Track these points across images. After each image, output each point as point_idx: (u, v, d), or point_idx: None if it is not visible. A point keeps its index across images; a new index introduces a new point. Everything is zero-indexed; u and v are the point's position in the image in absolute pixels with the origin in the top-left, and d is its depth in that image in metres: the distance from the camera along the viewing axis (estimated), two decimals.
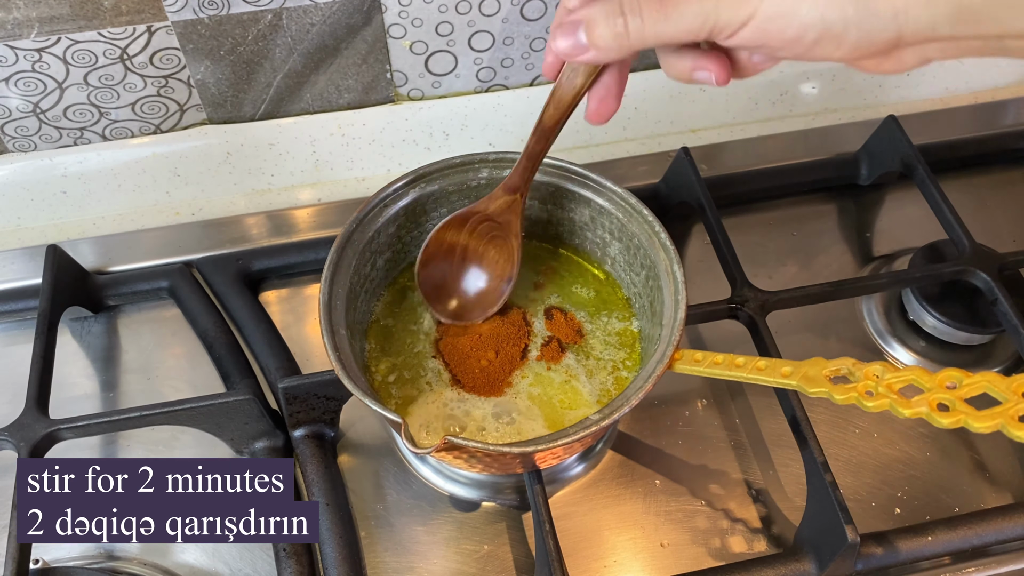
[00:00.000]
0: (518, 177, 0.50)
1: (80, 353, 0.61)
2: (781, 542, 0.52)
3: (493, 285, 0.53)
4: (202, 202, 0.70)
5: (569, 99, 0.42)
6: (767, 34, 0.33)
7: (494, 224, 0.51)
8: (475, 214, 0.51)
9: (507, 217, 0.51)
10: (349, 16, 0.60)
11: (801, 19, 0.32)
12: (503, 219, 0.51)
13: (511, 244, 0.52)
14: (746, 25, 0.33)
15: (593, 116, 0.42)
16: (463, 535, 0.52)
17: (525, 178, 0.50)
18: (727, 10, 0.33)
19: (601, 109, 0.42)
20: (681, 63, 0.37)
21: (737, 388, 0.58)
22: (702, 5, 0.33)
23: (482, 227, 0.52)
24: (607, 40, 0.36)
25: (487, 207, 0.51)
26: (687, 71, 0.37)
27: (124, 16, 0.57)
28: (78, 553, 0.52)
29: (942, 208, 0.61)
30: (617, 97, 0.41)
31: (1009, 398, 0.35)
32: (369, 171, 0.71)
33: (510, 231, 0.51)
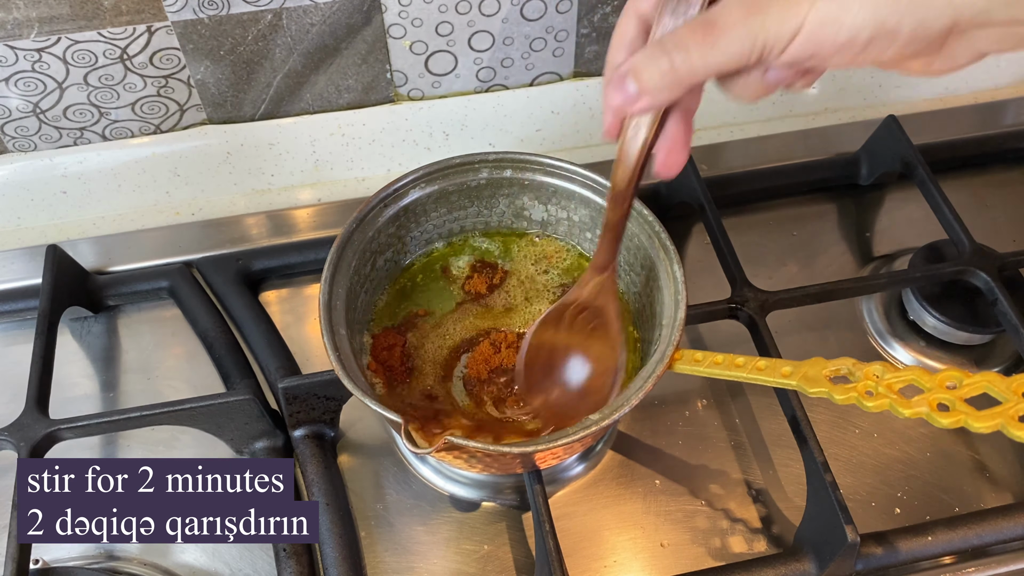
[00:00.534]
0: (603, 254, 0.46)
1: (80, 353, 0.61)
2: (781, 542, 0.52)
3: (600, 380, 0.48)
4: (202, 202, 0.70)
5: (636, 156, 0.39)
6: (819, 42, 0.32)
7: (591, 312, 0.48)
8: (569, 306, 0.48)
9: (602, 301, 0.47)
10: (349, 16, 0.60)
11: (852, 19, 0.31)
12: (599, 303, 0.47)
13: (613, 329, 0.47)
14: (796, 37, 0.32)
15: (663, 169, 0.39)
16: (463, 535, 0.52)
17: (611, 253, 0.46)
18: (775, 24, 0.32)
19: (670, 161, 0.39)
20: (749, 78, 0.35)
21: (737, 388, 0.58)
22: (748, 25, 0.32)
23: (580, 319, 0.48)
24: (656, 81, 0.34)
25: (579, 295, 0.48)
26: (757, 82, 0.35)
27: (124, 16, 0.57)
28: (78, 553, 0.52)
29: (942, 208, 0.61)
30: (684, 146, 0.39)
31: (1009, 398, 0.35)
32: (369, 171, 0.71)
33: (608, 315, 0.47)
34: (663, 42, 0.34)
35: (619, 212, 0.44)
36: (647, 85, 0.35)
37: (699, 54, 0.33)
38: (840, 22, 0.31)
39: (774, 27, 0.32)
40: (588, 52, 0.67)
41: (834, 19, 0.31)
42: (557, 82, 0.69)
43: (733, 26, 0.32)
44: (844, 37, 0.31)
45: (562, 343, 0.49)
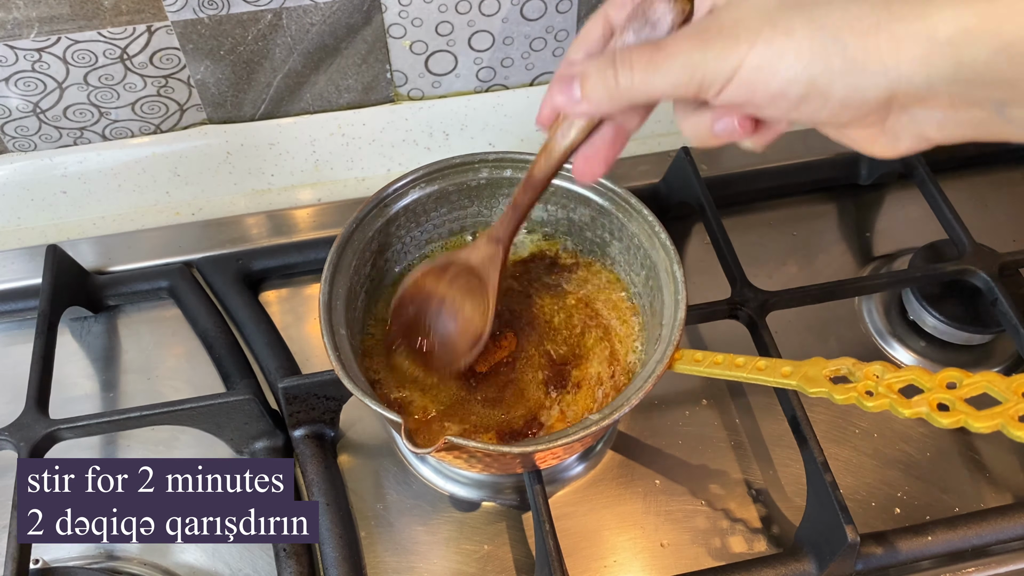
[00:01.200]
0: (502, 228, 0.47)
1: (80, 353, 0.61)
2: (781, 542, 0.52)
3: (462, 343, 0.49)
4: (202, 202, 0.70)
5: (560, 153, 0.41)
6: (753, 87, 0.32)
7: (473, 276, 0.49)
8: (455, 263, 0.49)
9: (487, 270, 0.48)
10: (349, 16, 0.60)
11: (785, 71, 0.31)
12: (483, 272, 0.48)
13: (487, 299, 0.48)
14: (732, 79, 0.32)
15: (578, 173, 0.41)
16: (463, 535, 0.52)
17: (510, 230, 0.47)
18: (714, 61, 0.32)
19: (586, 168, 0.40)
20: (699, 119, 0.36)
21: (737, 388, 0.58)
22: (690, 56, 0.32)
23: (461, 278, 0.49)
24: (598, 93, 0.35)
25: (468, 256, 0.49)
26: (707, 127, 0.36)
27: (124, 16, 0.57)
28: (78, 553, 0.52)
29: (942, 208, 0.61)
30: (606, 160, 0.40)
31: (1009, 398, 0.35)
32: (369, 171, 0.71)
33: (487, 285, 0.48)
34: (613, 56, 0.34)
35: (530, 196, 0.45)
36: (589, 94, 0.36)
37: (641, 76, 0.34)
38: (774, 70, 0.31)
39: (713, 63, 0.32)
40: None
41: (768, 66, 0.31)
42: None
43: (677, 55, 0.33)
44: (776, 87, 0.31)
45: (439, 293, 0.49)
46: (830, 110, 0.32)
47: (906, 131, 0.32)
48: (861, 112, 0.32)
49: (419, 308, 0.50)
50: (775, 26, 0.31)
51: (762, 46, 0.31)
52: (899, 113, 0.32)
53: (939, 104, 0.30)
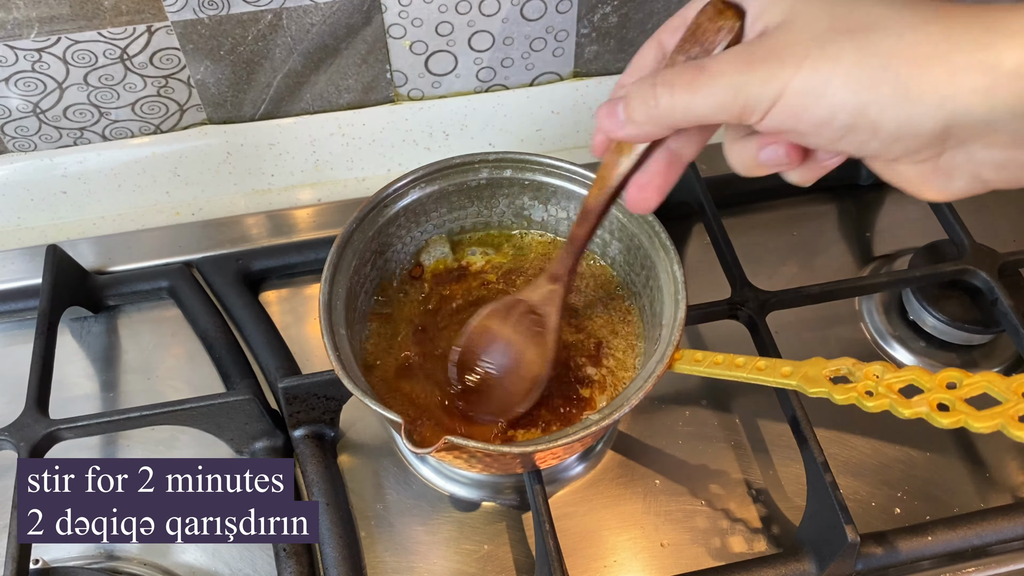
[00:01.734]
0: (559, 265, 0.47)
1: (80, 353, 0.61)
2: (781, 542, 0.52)
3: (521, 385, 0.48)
4: (202, 202, 0.70)
5: (613, 182, 0.40)
6: (797, 114, 0.30)
7: (535, 317, 0.48)
8: (519, 302, 0.48)
9: (547, 309, 0.48)
10: (349, 16, 0.60)
11: (831, 97, 0.29)
12: (543, 310, 0.48)
13: (547, 340, 0.48)
14: (776, 103, 0.30)
15: (631, 204, 0.39)
16: (463, 535, 0.52)
17: (568, 265, 0.46)
18: (758, 84, 0.31)
19: (640, 197, 0.39)
20: (746, 147, 0.35)
21: (737, 388, 0.58)
22: (732, 79, 0.31)
23: (524, 319, 0.48)
24: (640, 114, 0.34)
25: (529, 296, 0.48)
26: (753, 155, 0.35)
27: (124, 16, 0.57)
28: (78, 553, 0.52)
29: (942, 208, 0.61)
30: (660, 189, 0.39)
31: (1009, 398, 0.35)
32: (369, 171, 0.71)
33: (548, 325, 0.48)
34: (655, 77, 0.34)
35: (585, 228, 0.44)
36: (632, 115, 0.35)
37: (682, 98, 0.33)
38: (819, 95, 0.30)
39: (757, 87, 0.31)
40: (588, 52, 0.67)
41: (813, 90, 0.30)
42: (557, 82, 0.69)
43: (720, 76, 0.32)
44: (821, 114, 0.30)
45: (502, 334, 0.49)
46: (880, 142, 0.30)
47: (961, 171, 0.31)
48: (914, 146, 0.30)
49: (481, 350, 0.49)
50: (823, 50, 0.29)
51: (808, 70, 0.30)
52: (955, 150, 0.30)
53: (999, 142, 0.29)
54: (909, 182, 0.32)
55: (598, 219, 0.43)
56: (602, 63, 0.69)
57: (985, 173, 0.30)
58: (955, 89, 0.28)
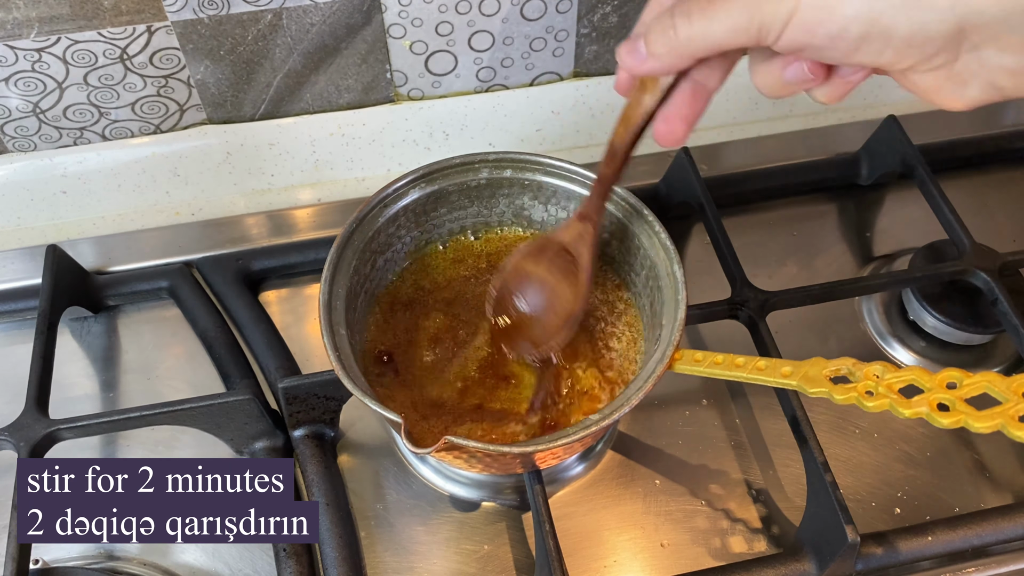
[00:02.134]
0: (588, 204, 0.47)
1: (80, 353, 0.61)
2: (781, 542, 0.52)
3: (554, 322, 0.49)
4: (202, 202, 0.70)
5: (638, 119, 0.40)
6: (811, 29, 0.31)
7: (567, 255, 0.49)
8: (551, 242, 0.49)
9: (578, 248, 0.48)
10: (349, 16, 0.60)
11: (843, 8, 0.30)
12: (575, 249, 0.48)
13: (580, 278, 0.48)
14: (791, 20, 0.31)
15: (659, 137, 0.40)
16: (463, 535, 0.52)
17: (596, 205, 0.47)
18: (771, 4, 0.31)
19: (667, 130, 0.39)
20: (770, 69, 0.35)
21: (737, 388, 0.58)
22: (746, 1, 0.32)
23: (557, 258, 0.49)
24: (660, 47, 0.35)
25: (561, 236, 0.49)
26: (779, 75, 0.35)
27: (124, 16, 0.57)
28: (78, 553, 0.52)
29: (942, 208, 0.61)
30: (687, 120, 0.39)
31: (1009, 398, 0.35)
32: (369, 171, 0.71)
33: (580, 263, 0.48)
34: (673, 9, 0.34)
35: (612, 167, 0.45)
36: (653, 49, 0.35)
37: (700, 25, 0.33)
38: (831, 8, 0.30)
39: (770, 5, 0.31)
40: (588, 52, 0.67)
41: (826, 4, 0.30)
42: (557, 82, 0.69)
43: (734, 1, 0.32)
44: (835, 27, 0.30)
45: (537, 273, 0.50)
46: (894, 49, 0.30)
47: (975, 77, 0.31)
48: (927, 52, 0.30)
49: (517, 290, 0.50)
50: None
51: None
52: (968, 54, 0.30)
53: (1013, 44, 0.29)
54: (925, 91, 0.33)
55: (625, 158, 0.44)
56: (602, 63, 0.69)
57: (999, 79, 0.31)
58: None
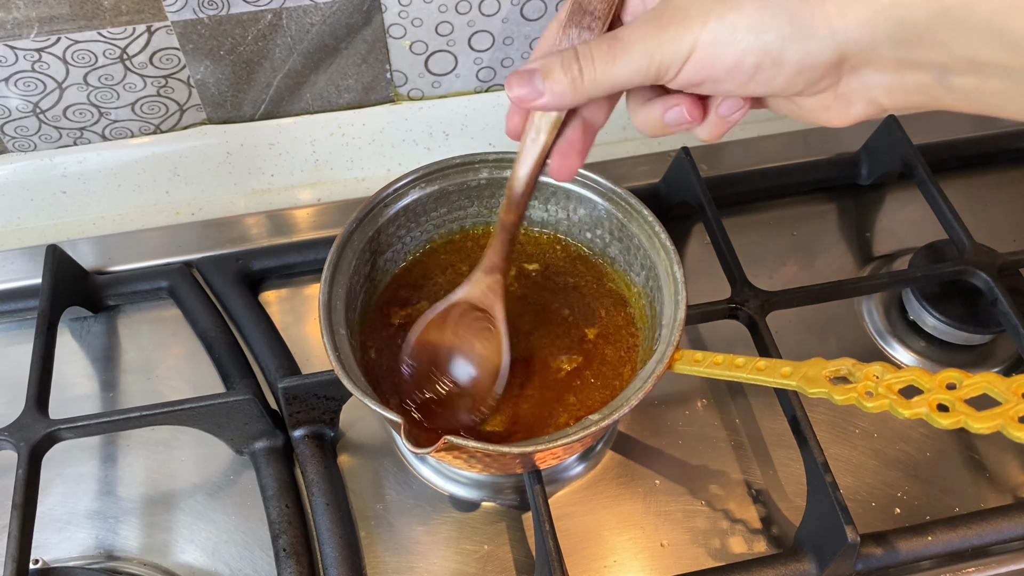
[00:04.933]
0: (496, 255, 0.46)
1: (80, 353, 0.61)
2: (781, 542, 0.52)
3: (484, 383, 0.48)
4: (202, 202, 0.70)
5: (534, 160, 0.41)
6: (710, 64, 0.33)
7: (477, 312, 0.48)
8: (457, 304, 0.48)
9: (490, 301, 0.47)
10: (349, 16, 0.60)
11: (738, 43, 0.32)
12: (486, 304, 0.48)
13: (496, 331, 0.48)
14: (689, 59, 0.33)
15: (556, 173, 0.41)
16: (463, 535, 0.52)
17: (504, 253, 0.46)
18: (670, 43, 0.33)
19: (564, 164, 0.41)
20: (650, 111, 0.38)
21: (737, 388, 0.58)
22: (646, 44, 0.34)
23: (466, 318, 0.48)
24: (560, 84, 0.36)
25: (467, 294, 0.48)
26: (658, 117, 0.38)
27: (124, 16, 0.57)
28: (78, 553, 0.52)
29: (942, 208, 0.61)
30: (580, 153, 0.41)
31: (1009, 399, 0.35)
32: (369, 171, 0.71)
33: (494, 318, 0.48)
34: (575, 50, 0.36)
35: (515, 213, 0.45)
36: (552, 87, 0.36)
37: (602, 67, 0.35)
38: (728, 43, 0.32)
39: (670, 47, 0.33)
40: None
41: (722, 40, 0.33)
42: None
43: (634, 44, 0.34)
44: (731, 60, 0.33)
45: (447, 341, 0.48)
46: (784, 77, 0.33)
47: (857, 96, 0.34)
48: (814, 76, 0.33)
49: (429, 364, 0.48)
50: (724, 3, 0.33)
51: (714, 23, 0.32)
52: (849, 76, 0.33)
53: (886, 66, 0.32)
54: (812, 112, 0.36)
55: (525, 202, 0.44)
56: None
57: (879, 97, 0.34)
58: (844, 23, 0.31)
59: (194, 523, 0.53)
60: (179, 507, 0.54)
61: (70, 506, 0.54)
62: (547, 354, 0.52)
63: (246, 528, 0.53)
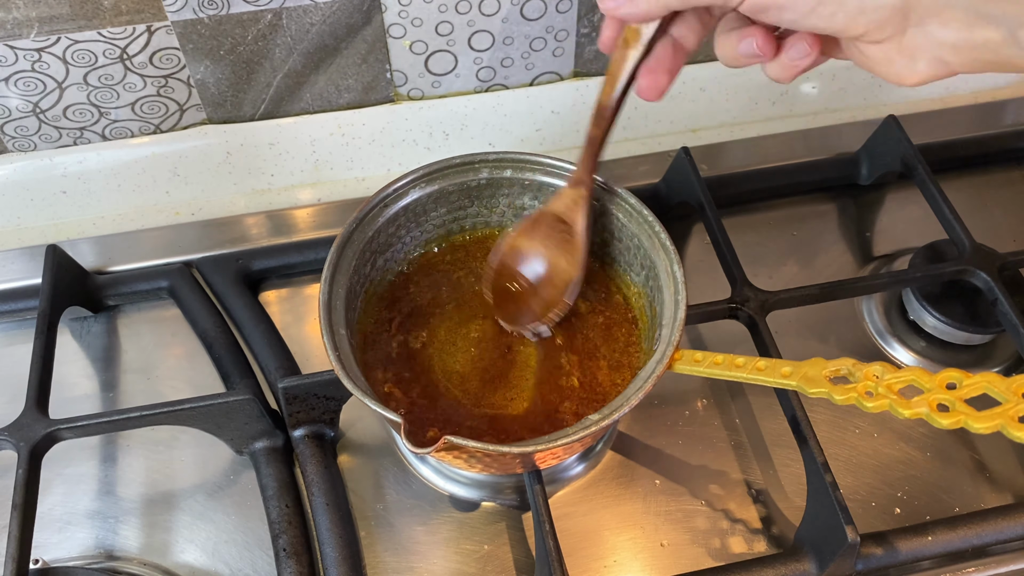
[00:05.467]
0: (581, 168, 0.49)
1: (80, 353, 0.61)
2: (781, 542, 0.52)
3: (554, 291, 0.51)
4: (202, 202, 0.70)
5: (624, 74, 0.42)
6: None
7: (562, 224, 0.50)
8: (545, 214, 0.50)
9: (572, 215, 0.50)
10: (349, 16, 0.60)
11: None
12: (569, 217, 0.50)
13: (576, 244, 0.50)
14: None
15: (644, 91, 0.41)
16: (463, 535, 0.52)
17: (588, 167, 0.48)
18: None
19: (651, 81, 0.41)
20: (729, 39, 0.38)
21: (737, 388, 0.58)
22: None
23: (552, 229, 0.50)
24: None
25: (554, 206, 0.50)
26: (734, 46, 0.38)
27: (124, 16, 0.57)
28: (78, 553, 0.52)
29: (942, 208, 0.61)
30: (669, 72, 0.41)
31: (1009, 399, 0.35)
32: (369, 171, 0.71)
33: (574, 230, 0.50)
34: None
35: (602, 128, 0.46)
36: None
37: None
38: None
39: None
40: (588, 52, 0.67)
41: None
42: (557, 82, 0.69)
43: None
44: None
45: (533, 248, 0.51)
46: (845, 14, 0.33)
47: (923, 52, 0.33)
48: (876, 19, 0.32)
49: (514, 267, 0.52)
50: None
51: None
52: (915, 29, 0.32)
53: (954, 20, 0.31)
54: (877, 63, 0.35)
55: (613, 116, 0.45)
56: (602, 63, 0.69)
57: (945, 54, 0.33)
58: None
59: (194, 523, 0.53)
60: (179, 507, 0.54)
61: (70, 506, 0.54)
62: (546, 354, 0.52)
63: (246, 528, 0.53)
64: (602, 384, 0.51)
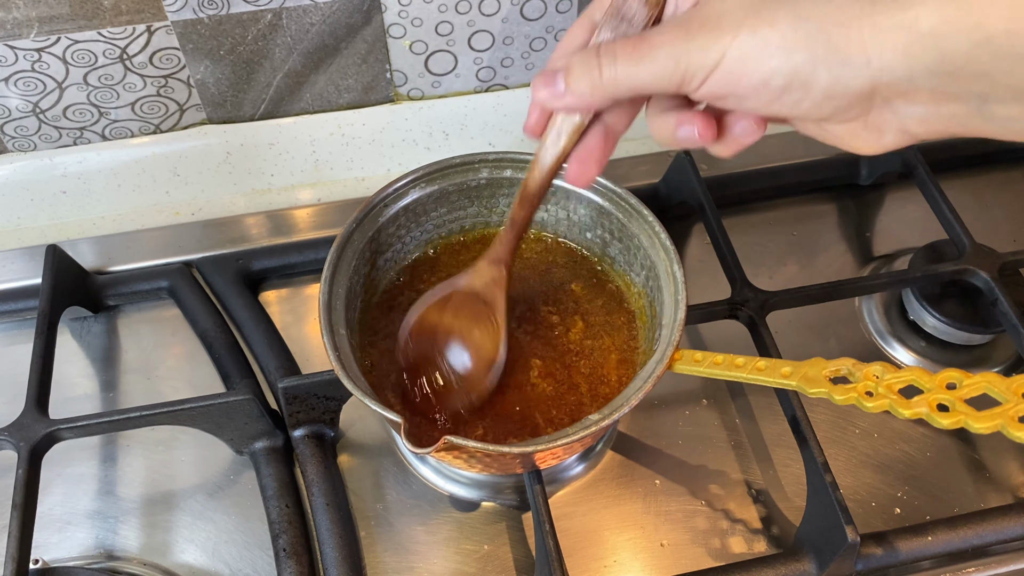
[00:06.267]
0: (502, 248, 0.47)
1: (80, 353, 0.61)
2: (781, 542, 0.52)
3: (477, 374, 0.48)
4: (202, 202, 0.70)
5: (552, 161, 0.41)
6: (735, 79, 0.32)
7: (479, 302, 0.48)
8: (456, 292, 0.48)
9: (492, 293, 0.47)
10: (349, 16, 0.60)
11: (768, 60, 0.31)
12: (488, 295, 0.47)
13: (495, 325, 0.47)
14: (715, 70, 0.32)
15: (573, 178, 0.40)
16: (463, 535, 0.52)
17: (510, 247, 0.47)
18: (698, 51, 0.32)
19: (581, 171, 0.40)
20: (666, 122, 0.37)
21: (737, 388, 0.58)
22: (673, 48, 0.32)
23: (466, 306, 0.48)
24: (582, 84, 0.35)
25: (470, 282, 0.48)
26: (671, 130, 0.36)
27: (124, 16, 0.57)
28: (78, 553, 0.52)
29: (942, 208, 0.61)
30: (599, 162, 0.40)
31: (1009, 399, 0.35)
32: (369, 171, 0.71)
33: (494, 308, 0.47)
34: (598, 49, 0.34)
35: (526, 211, 0.45)
36: (573, 86, 0.36)
37: (624, 67, 0.34)
38: (758, 59, 0.31)
39: (697, 54, 0.32)
40: None
41: (752, 55, 0.31)
42: None
43: (661, 46, 0.33)
44: (759, 77, 0.31)
45: (445, 326, 0.48)
46: (812, 101, 0.32)
47: (889, 126, 0.32)
48: (843, 104, 0.32)
49: (426, 346, 0.48)
50: (759, 16, 0.31)
51: (746, 36, 0.31)
52: (882, 107, 0.32)
53: (921, 98, 0.31)
54: (839, 138, 0.34)
55: (538, 201, 0.44)
56: None
57: (911, 126, 0.32)
58: (880, 50, 0.29)
59: (194, 523, 0.53)
60: (179, 507, 0.54)
61: (70, 506, 0.54)
62: (546, 353, 0.52)
63: (246, 528, 0.53)
64: (602, 384, 0.51)
